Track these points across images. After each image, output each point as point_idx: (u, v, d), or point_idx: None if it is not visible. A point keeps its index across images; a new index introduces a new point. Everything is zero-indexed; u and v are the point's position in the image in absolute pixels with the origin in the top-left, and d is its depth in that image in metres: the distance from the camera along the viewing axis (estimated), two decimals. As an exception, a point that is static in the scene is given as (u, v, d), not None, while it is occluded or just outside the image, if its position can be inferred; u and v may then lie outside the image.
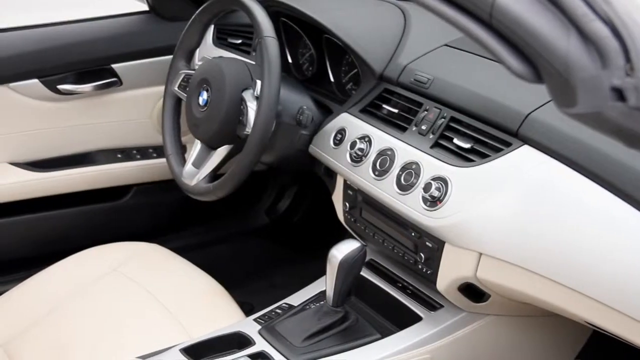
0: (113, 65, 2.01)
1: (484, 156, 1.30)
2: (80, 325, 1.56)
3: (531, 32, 0.55)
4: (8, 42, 1.91)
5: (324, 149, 1.60)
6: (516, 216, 1.20)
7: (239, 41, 1.96)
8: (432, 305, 1.48)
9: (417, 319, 1.45)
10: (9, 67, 1.89)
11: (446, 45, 1.57)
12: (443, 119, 1.41)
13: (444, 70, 1.49)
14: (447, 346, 1.43)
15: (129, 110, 2.09)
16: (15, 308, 1.64)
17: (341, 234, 1.65)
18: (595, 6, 0.53)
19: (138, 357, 1.39)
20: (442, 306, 1.47)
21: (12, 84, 1.89)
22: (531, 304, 1.32)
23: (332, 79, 1.76)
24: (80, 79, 1.98)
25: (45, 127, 1.99)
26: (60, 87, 1.94)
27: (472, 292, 1.39)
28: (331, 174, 1.65)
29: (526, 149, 1.24)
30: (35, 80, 1.92)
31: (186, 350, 1.41)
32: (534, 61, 0.57)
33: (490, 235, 1.23)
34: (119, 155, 2.10)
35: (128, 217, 2.18)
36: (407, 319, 1.45)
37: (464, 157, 1.33)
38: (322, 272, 1.51)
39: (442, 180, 1.31)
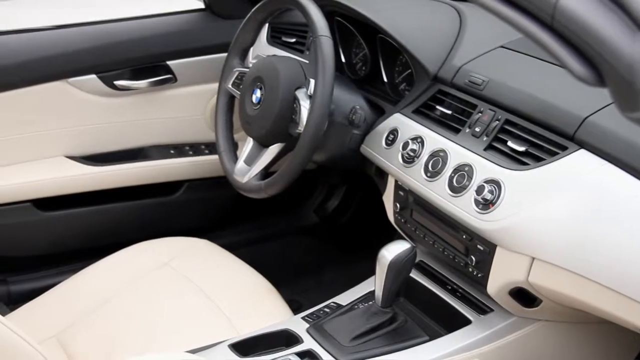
0: (168, 62, 2.03)
1: (538, 159, 1.28)
2: (131, 318, 1.58)
3: (595, 34, 0.54)
4: (68, 38, 1.95)
5: (375, 149, 1.60)
6: (571, 221, 1.18)
7: (293, 40, 1.96)
8: (481, 309, 1.46)
9: (466, 322, 1.44)
10: (68, 62, 1.92)
11: (502, 46, 1.55)
12: (497, 122, 1.39)
13: (500, 72, 1.47)
14: (496, 350, 1.41)
15: (183, 107, 2.11)
16: (68, 299, 1.67)
17: (390, 235, 1.64)
18: (662, 9, 0.52)
19: (187, 351, 1.41)
20: (492, 310, 1.45)
21: (70, 79, 1.93)
22: (584, 311, 1.30)
23: (385, 79, 1.75)
24: (136, 75, 2.01)
25: (101, 122, 2.03)
26: (116, 82, 1.98)
27: (523, 296, 1.37)
28: (382, 174, 1.64)
29: (583, 153, 1.22)
30: (93, 76, 1.95)
31: (234, 346, 1.42)
32: (597, 64, 0.56)
33: (544, 240, 1.22)
34: (172, 151, 2.13)
35: (179, 212, 2.20)
36: (456, 322, 1.44)
37: (518, 160, 1.32)
38: (369, 272, 1.51)
39: (495, 183, 1.30)
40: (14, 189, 1.92)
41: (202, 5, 2.14)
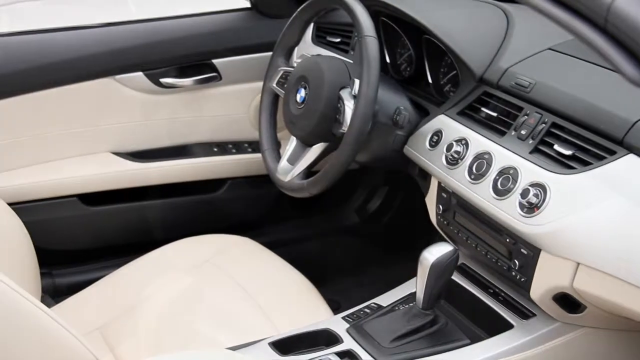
0: (214, 61, 2.05)
1: (585, 164, 1.26)
2: (172, 314, 1.59)
3: (650, 37, 0.53)
4: (115, 36, 1.98)
5: (419, 151, 1.59)
6: (618, 227, 1.16)
7: (338, 40, 1.97)
8: (524, 314, 1.45)
9: (508, 326, 1.43)
10: (115, 60, 1.95)
11: (550, 49, 1.53)
12: (544, 125, 1.38)
13: (547, 74, 1.45)
14: (538, 356, 1.40)
15: (227, 105, 2.13)
16: (111, 293, 1.69)
17: (431, 237, 1.63)
18: None
19: (227, 348, 1.42)
20: (534, 315, 1.44)
21: (117, 76, 1.95)
22: (630, 318, 1.28)
23: (430, 80, 1.74)
24: (182, 73, 2.03)
25: (146, 118, 2.05)
26: (162, 80, 2.00)
27: (568, 302, 1.35)
28: (425, 176, 1.64)
29: (632, 158, 1.20)
30: (140, 73, 1.98)
31: (275, 344, 1.43)
32: (651, 68, 0.55)
33: (590, 245, 1.20)
34: (215, 149, 2.14)
35: (222, 209, 2.22)
36: (498, 326, 1.43)
37: (564, 164, 1.30)
38: (410, 274, 1.50)
39: (541, 187, 1.28)
40: (61, 184, 1.96)
41: (248, 5, 2.15)
